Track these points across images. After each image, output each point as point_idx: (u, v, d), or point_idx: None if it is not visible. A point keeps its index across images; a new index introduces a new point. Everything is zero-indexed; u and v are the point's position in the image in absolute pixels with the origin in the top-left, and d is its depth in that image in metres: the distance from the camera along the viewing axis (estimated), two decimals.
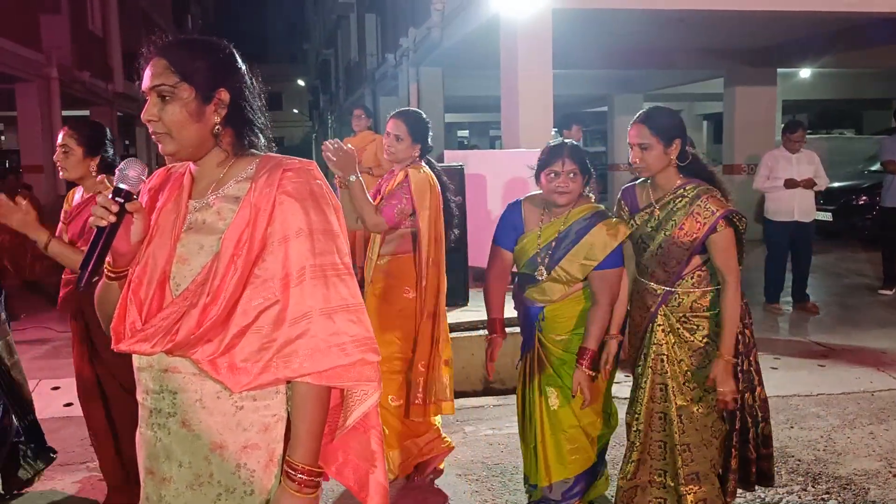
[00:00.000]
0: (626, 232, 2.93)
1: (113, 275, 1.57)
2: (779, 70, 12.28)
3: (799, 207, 7.13)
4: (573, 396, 2.96)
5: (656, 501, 2.95)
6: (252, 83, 1.62)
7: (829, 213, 11.28)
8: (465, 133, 30.79)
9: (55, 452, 3.77)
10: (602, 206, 3.05)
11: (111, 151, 3.37)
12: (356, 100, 19.87)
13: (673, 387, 2.88)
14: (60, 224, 3.51)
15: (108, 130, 3.43)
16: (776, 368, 5.62)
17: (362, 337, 1.53)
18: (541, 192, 3.02)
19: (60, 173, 3.36)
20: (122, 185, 1.49)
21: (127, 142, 24.44)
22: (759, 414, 2.96)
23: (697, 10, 7.57)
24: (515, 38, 7.01)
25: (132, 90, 18.35)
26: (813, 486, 3.72)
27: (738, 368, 2.84)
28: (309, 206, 1.52)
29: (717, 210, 2.75)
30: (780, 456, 4.04)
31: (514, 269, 3.19)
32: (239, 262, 1.48)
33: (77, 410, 3.65)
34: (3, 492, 3.51)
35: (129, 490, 3.34)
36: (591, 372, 2.91)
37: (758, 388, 2.95)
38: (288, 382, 1.54)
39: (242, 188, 1.56)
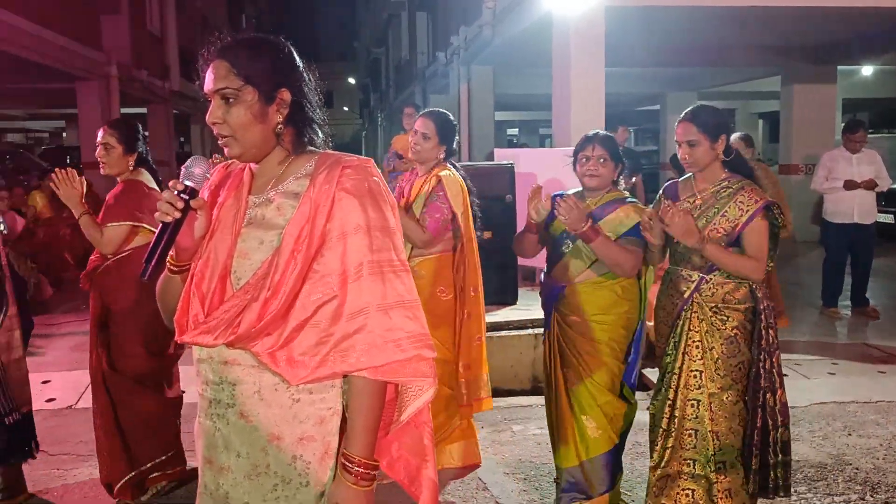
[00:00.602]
0: (652, 213, 3.01)
1: (175, 268, 1.61)
2: (839, 67, 11.94)
3: (859, 209, 6.93)
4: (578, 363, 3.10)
5: (685, 493, 2.97)
6: (310, 81, 1.65)
7: (891, 215, 10.96)
8: (514, 131, 30.68)
9: (33, 450, 3.62)
10: (633, 198, 3.22)
11: (145, 147, 3.60)
12: (406, 98, 19.97)
13: (706, 374, 2.93)
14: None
15: (140, 127, 3.64)
16: (833, 374, 5.48)
17: (418, 333, 1.55)
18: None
19: (102, 169, 3.52)
20: (187, 182, 1.53)
21: (182, 139, 25.00)
22: (780, 418, 2.95)
23: (754, 7, 7.42)
24: (568, 35, 6.96)
25: (188, 88, 18.75)
26: (871, 496, 3.62)
27: (761, 366, 2.89)
28: (367, 203, 1.54)
29: (759, 200, 2.87)
30: (837, 464, 3.95)
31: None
32: (299, 257, 1.50)
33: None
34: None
35: (130, 464, 3.46)
36: (592, 233, 2.97)
37: (779, 391, 2.95)
38: (344, 377, 1.57)
39: (302, 184, 1.58)
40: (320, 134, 1.66)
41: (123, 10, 14.97)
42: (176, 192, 1.51)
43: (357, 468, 1.53)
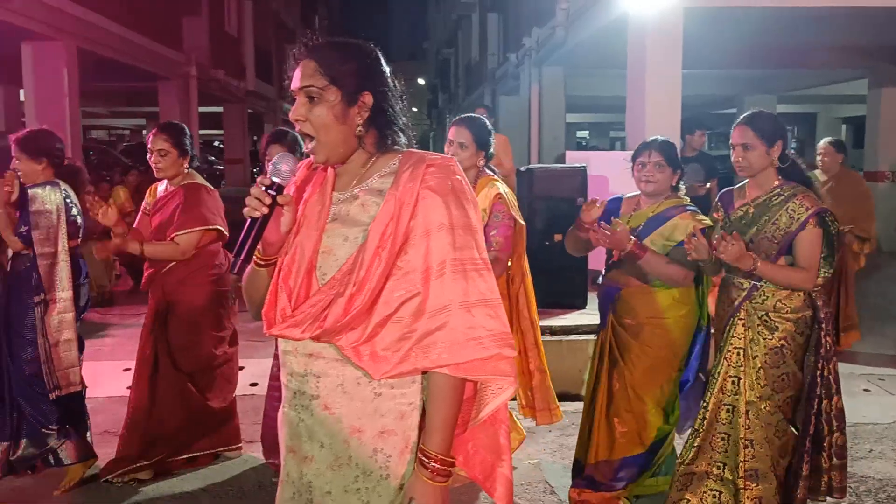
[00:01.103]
0: (709, 223, 3.10)
1: (262, 262, 1.65)
2: None
3: None
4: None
5: (711, 493, 2.98)
6: (395, 86, 1.67)
7: None
8: (584, 133, 30.37)
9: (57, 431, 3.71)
10: (692, 205, 3.23)
11: (193, 148, 3.78)
12: (475, 99, 19.99)
13: (745, 382, 2.93)
14: (141, 214, 3.89)
15: (187, 128, 3.82)
16: None
17: (499, 332, 1.55)
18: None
19: (157, 174, 3.69)
20: (275, 179, 1.56)
21: (255, 137, 25.58)
22: (835, 423, 2.94)
23: (840, 7, 7.17)
24: (644, 37, 6.87)
25: (262, 88, 19.21)
26: None
27: (819, 373, 2.89)
28: (450, 202, 1.56)
29: (811, 207, 2.84)
30: None
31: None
32: (383, 254, 1.53)
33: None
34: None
35: (135, 461, 3.62)
36: (639, 251, 3.04)
37: (835, 397, 2.95)
38: (424, 372, 1.58)
39: (386, 182, 1.61)
40: (403, 137, 1.68)
41: (203, 12, 15.44)
42: (264, 189, 1.55)
43: (434, 464, 1.54)
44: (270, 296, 1.62)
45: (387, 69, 1.67)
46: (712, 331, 3.24)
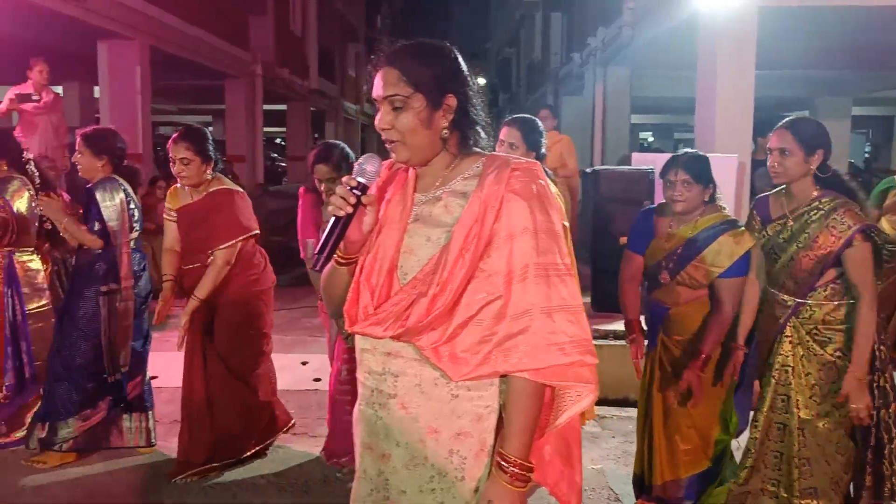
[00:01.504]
0: (752, 242, 2.97)
1: (343, 261, 1.66)
2: None
3: None
4: (682, 394, 3.05)
5: None
6: (475, 85, 1.67)
7: None
8: (647, 135, 29.91)
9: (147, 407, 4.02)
10: (731, 216, 3.11)
11: (215, 151, 3.71)
12: (538, 99, 19.86)
13: (797, 399, 2.87)
14: (166, 221, 3.85)
15: (208, 132, 3.81)
16: None
17: (581, 338, 1.54)
18: None
19: (181, 182, 3.66)
20: (359, 179, 1.58)
21: (316, 135, 25.93)
22: (894, 430, 2.87)
23: None
24: (715, 37, 6.71)
25: (325, 87, 19.44)
26: None
27: (874, 385, 2.82)
28: (534, 206, 1.55)
29: (854, 224, 2.73)
30: None
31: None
32: (467, 256, 1.52)
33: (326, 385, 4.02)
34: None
35: (203, 464, 3.66)
36: (700, 373, 2.99)
37: (892, 405, 2.88)
38: (502, 376, 1.57)
39: (470, 185, 1.61)
40: (484, 136, 1.68)
41: (269, 11, 15.71)
42: (349, 188, 1.56)
43: (513, 468, 1.53)
44: (352, 293, 1.63)
45: (465, 69, 1.66)
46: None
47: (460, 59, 1.67)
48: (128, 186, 3.79)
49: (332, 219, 1.57)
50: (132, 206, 3.79)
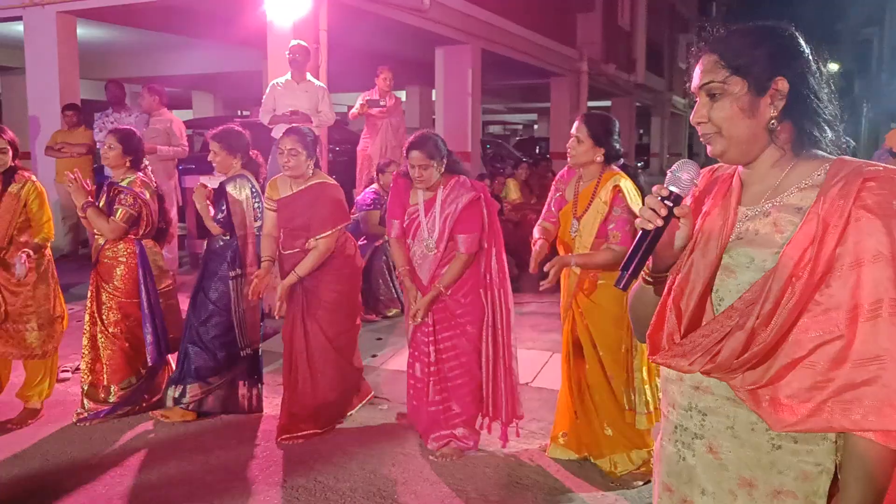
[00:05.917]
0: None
1: (650, 279, 1.50)
2: None
3: None
4: None
5: None
6: (818, 69, 1.40)
7: None
8: None
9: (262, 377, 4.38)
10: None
11: (318, 151, 4.03)
12: None
13: None
14: (265, 210, 4.11)
15: (314, 132, 4.11)
16: None
17: None
18: None
19: (286, 172, 3.90)
20: (672, 188, 1.40)
21: (641, 131, 25.41)
22: None
23: None
24: None
25: (651, 81, 18.94)
26: None
27: None
28: (894, 226, 1.24)
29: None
30: None
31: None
32: (798, 284, 1.27)
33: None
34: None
35: (313, 423, 3.98)
36: None
37: None
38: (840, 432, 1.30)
39: (807, 197, 1.34)
40: (829, 133, 1.39)
41: (597, 7, 15.68)
42: (660, 199, 1.39)
43: None
44: (657, 317, 1.45)
45: (806, 49, 1.40)
46: None
47: (799, 38, 1.41)
48: (255, 183, 4.17)
49: (640, 232, 1.42)
50: (257, 200, 4.15)
